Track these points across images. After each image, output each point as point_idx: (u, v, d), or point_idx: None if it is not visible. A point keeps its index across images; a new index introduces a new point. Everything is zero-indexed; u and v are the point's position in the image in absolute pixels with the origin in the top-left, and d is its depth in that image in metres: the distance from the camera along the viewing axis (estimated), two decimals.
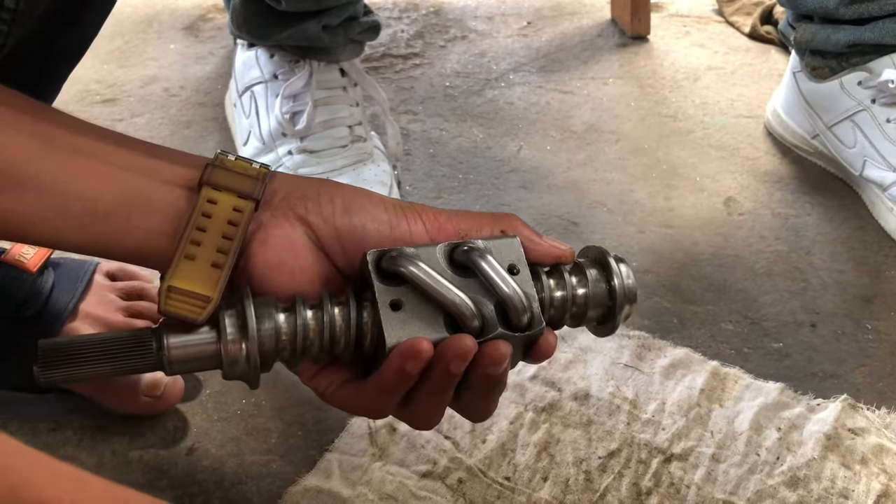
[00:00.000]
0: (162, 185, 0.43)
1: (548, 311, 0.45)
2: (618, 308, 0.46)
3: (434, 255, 0.43)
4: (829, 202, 0.88)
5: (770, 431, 0.63)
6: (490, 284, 0.42)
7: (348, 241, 0.44)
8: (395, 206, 0.45)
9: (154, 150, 0.45)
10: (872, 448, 0.62)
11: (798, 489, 0.59)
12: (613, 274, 0.46)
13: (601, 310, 0.46)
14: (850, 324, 0.74)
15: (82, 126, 0.44)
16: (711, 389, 0.67)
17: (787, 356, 0.71)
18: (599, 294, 0.46)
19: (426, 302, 0.42)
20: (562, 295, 0.45)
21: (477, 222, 0.45)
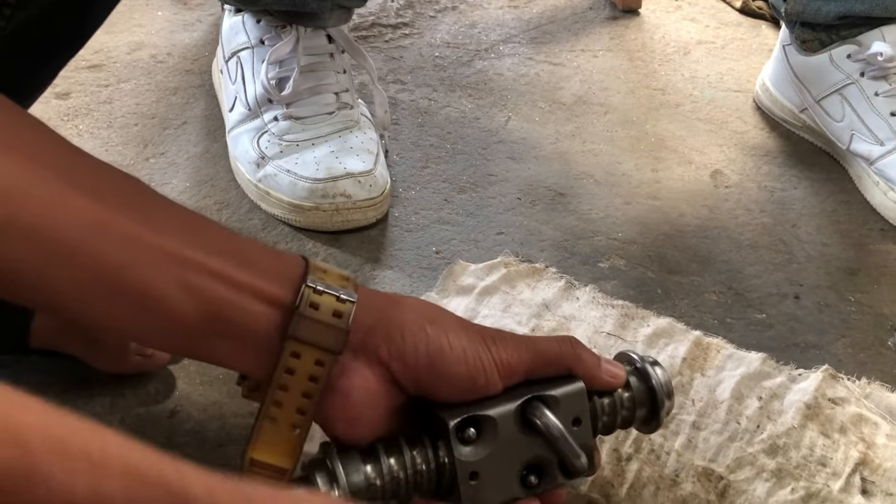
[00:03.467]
0: (250, 304, 0.42)
1: (601, 419, 0.51)
2: (659, 404, 0.52)
3: (510, 416, 0.47)
4: (816, 176, 0.89)
5: (751, 400, 0.63)
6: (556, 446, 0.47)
7: (426, 385, 0.46)
8: (475, 357, 0.46)
9: (241, 251, 0.44)
10: (851, 417, 0.62)
11: (777, 456, 0.60)
12: (651, 377, 0.52)
13: (646, 409, 0.52)
14: (834, 296, 0.75)
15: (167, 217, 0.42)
16: (693, 358, 0.67)
17: (770, 327, 0.72)
18: (641, 395, 0.52)
19: (500, 467, 0.47)
20: (610, 403, 0.51)
21: (544, 359, 0.48)
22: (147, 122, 0.90)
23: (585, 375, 0.49)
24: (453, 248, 0.78)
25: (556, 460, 0.48)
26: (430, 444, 0.46)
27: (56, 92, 0.92)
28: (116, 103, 0.92)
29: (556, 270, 0.75)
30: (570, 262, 0.77)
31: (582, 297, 0.73)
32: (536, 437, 0.47)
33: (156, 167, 0.84)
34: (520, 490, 0.48)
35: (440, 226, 0.80)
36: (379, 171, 0.78)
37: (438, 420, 0.46)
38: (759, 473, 0.58)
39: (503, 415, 0.47)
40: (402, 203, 0.82)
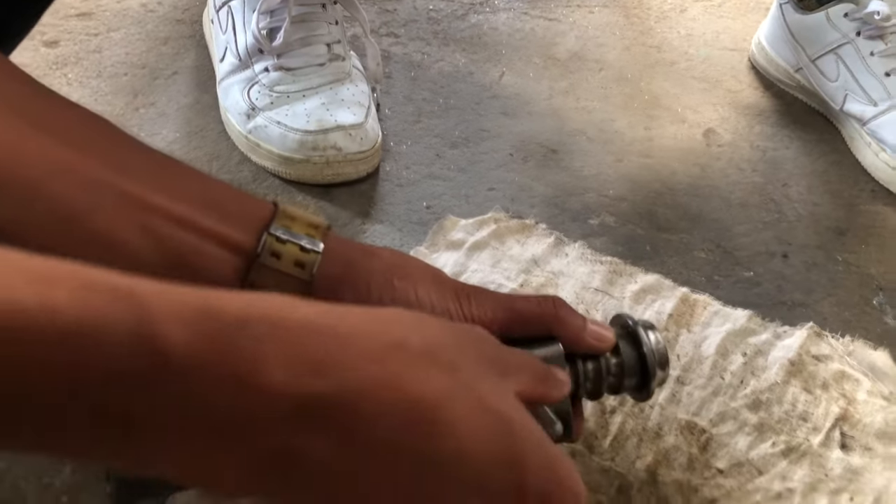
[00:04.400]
0: (213, 250, 0.42)
1: (584, 387, 0.48)
2: (651, 374, 0.49)
3: None
4: (809, 136, 0.88)
5: (736, 356, 0.64)
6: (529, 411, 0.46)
7: None
8: (443, 312, 0.44)
9: (209, 196, 0.43)
10: (834, 374, 0.63)
11: (760, 411, 0.60)
12: (642, 343, 0.49)
13: (636, 378, 0.49)
14: (822, 255, 0.75)
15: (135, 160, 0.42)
16: (680, 315, 0.67)
17: (758, 285, 0.72)
18: (631, 362, 0.49)
19: None
20: (595, 368, 0.48)
21: (521, 319, 0.46)
22: (137, 72, 0.89)
23: (567, 338, 0.47)
24: (444, 203, 0.78)
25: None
26: None
27: (45, 40, 0.91)
28: (106, 52, 0.91)
29: (546, 227, 0.75)
30: (560, 219, 0.77)
31: (571, 254, 0.73)
32: None
33: (145, 118, 0.84)
34: None
35: (431, 181, 0.80)
36: (370, 125, 0.77)
37: None
38: (742, 427, 0.59)
39: None
40: (394, 157, 0.82)
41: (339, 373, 0.31)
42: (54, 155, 0.38)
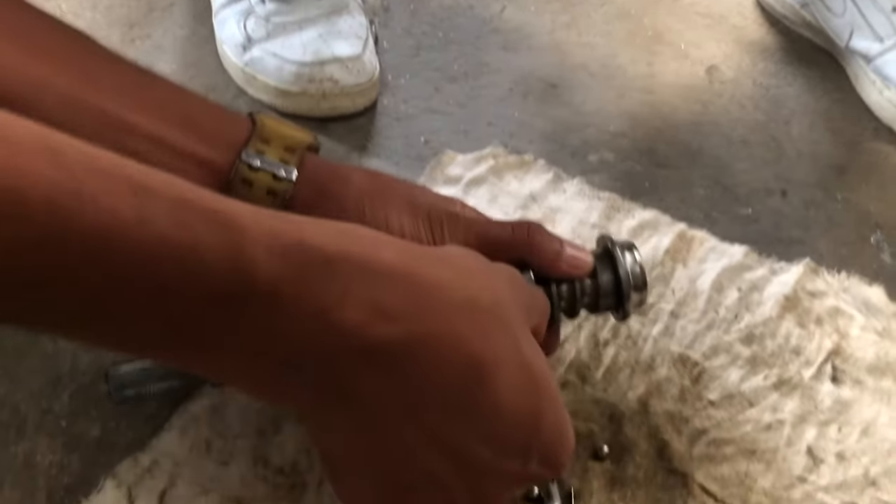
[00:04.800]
0: (189, 170, 0.42)
1: (559, 306, 0.49)
2: (625, 296, 0.49)
3: None
4: (813, 73, 0.87)
5: (731, 291, 0.64)
6: None
7: None
8: (413, 240, 0.44)
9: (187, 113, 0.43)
10: (828, 310, 0.63)
11: (753, 345, 0.61)
12: (619, 264, 0.49)
13: (611, 299, 0.50)
14: (821, 193, 0.75)
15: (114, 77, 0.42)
16: (676, 250, 0.67)
17: (755, 222, 0.72)
18: (606, 284, 0.49)
19: None
20: (569, 290, 0.49)
21: (493, 246, 0.46)
22: (133, 4, 0.88)
23: (541, 264, 0.47)
24: (442, 138, 0.77)
25: None
26: None
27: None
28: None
29: (545, 162, 0.75)
30: (559, 155, 0.76)
31: (569, 189, 0.73)
32: None
33: (141, 50, 0.83)
34: None
35: (430, 115, 0.79)
36: (367, 57, 0.76)
37: None
38: (734, 360, 0.60)
39: None
40: (392, 92, 0.81)
41: (409, 323, 0.33)
42: (32, 71, 0.38)
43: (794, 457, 0.54)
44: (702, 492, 0.52)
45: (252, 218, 0.31)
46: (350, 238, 0.33)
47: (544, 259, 0.48)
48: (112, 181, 0.28)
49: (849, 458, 0.54)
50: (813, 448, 0.55)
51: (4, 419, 0.54)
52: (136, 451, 0.52)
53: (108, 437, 0.53)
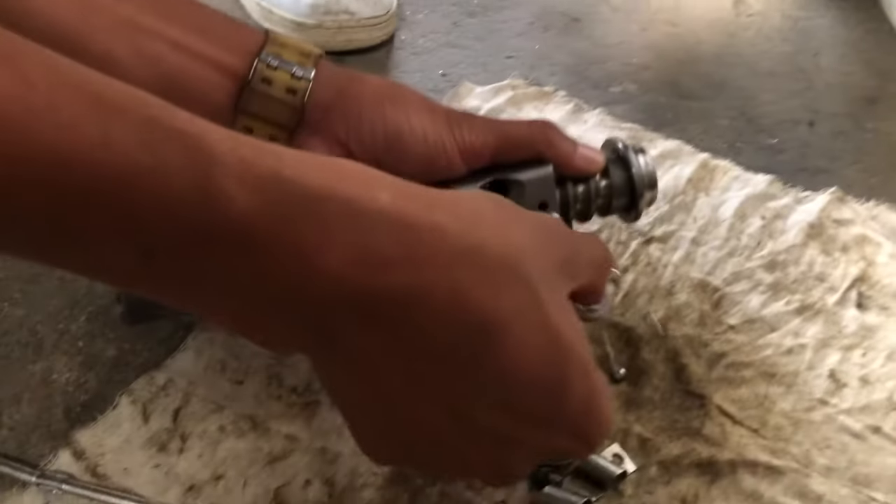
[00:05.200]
0: (206, 73, 0.41)
1: (573, 208, 0.50)
2: (638, 195, 0.50)
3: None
4: (845, 4, 0.84)
5: (754, 219, 0.63)
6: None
7: (386, 167, 0.40)
8: (436, 138, 0.44)
9: (201, 20, 0.42)
10: (855, 237, 0.62)
11: (775, 272, 0.59)
12: (631, 164, 0.50)
13: (625, 199, 0.51)
14: (850, 123, 0.73)
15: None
16: (699, 179, 0.66)
17: (781, 152, 0.70)
18: (620, 184, 0.50)
19: None
20: (584, 191, 0.50)
21: (512, 143, 0.47)
22: None
23: (557, 160, 0.48)
24: (460, 71, 0.76)
25: None
26: None
27: None
28: None
29: (566, 94, 0.73)
30: (580, 87, 0.75)
31: (590, 120, 0.71)
32: None
33: None
34: None
35: (448, 49, 0.78)
36: None
37: None
38: (756, 286, 0.58)
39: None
40: (409, 26, 0.80)
41: (404, 273, 0.29)
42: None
43: (815, 380, 0.53)
44: (719, 413, 0.51)
45: (226, 144, 0.28)
46: (336, 173, 0.30)
47: (560, 154, 0.48)
48: (77, 95, 0.26)
49: (873, 382, 0.53)
50: (835, 372, 0.54)
51: (23, 339, 0.54)
52: (151, 370, 0.52)
53: (123, 358, 0.54)
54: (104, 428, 0.50)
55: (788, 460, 0.49)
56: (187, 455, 0.49)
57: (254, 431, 0.50)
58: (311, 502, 0.47)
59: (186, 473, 0.48)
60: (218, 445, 0.49)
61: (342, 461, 0.49)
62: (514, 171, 0.47)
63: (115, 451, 0.49)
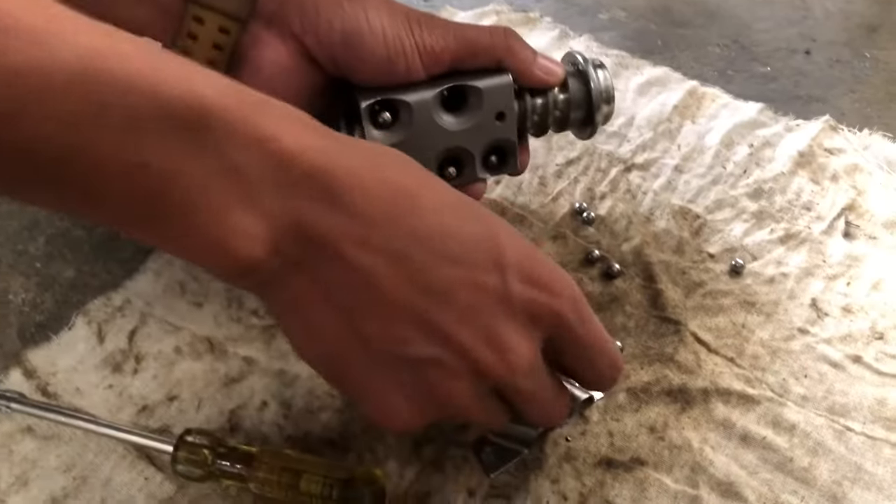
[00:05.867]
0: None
1: (530, 119, 0.48)
2: (595, 107, 0.49)
3: (428, 103, 0.45)
4: None
5: (741, 147, 0.60)
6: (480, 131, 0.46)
7: (343, 66, 0.43)
8: (395, 38, 0.43)
9: None
10: (846, 167, 0.59)
11: (760, 200, 0.57)
12: (590, 78, 0.48)
13: (582, 112, 0.49)
14: (848, 52, 0.69)
15: None
16: (686, 107, 0.63)
17: (774, 80, 0.67)
18: (578, 97, 0.49)
19: (415, 155, 0.42)
20: (543, 103, 0.48)
21: (472, 48, 0.45)
22: None
23: (517, 69, 0.46)
24: None
25: (479, 154, 0.47)
26: (344, 126, 0.45)
27: None
28: None
29: (552, 20, 0.71)
30: (567, 13, 0.72)
31: (576, 47, 0.68)
32: (462, 118, 0.46)
33: None
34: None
35: None
36: None
37: (352, 100, 0.44)
38: (739, 215, 0.56)
39: (421, 101, 0.45)
40: None
41: (336, 154, 0.32)
42: None
43: (796, 309, 0.51)
44: (694, 341, 0.49)
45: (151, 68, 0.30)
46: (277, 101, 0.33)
47: (520, 64, 0.46)
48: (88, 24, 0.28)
49: (855, 311, 0.51)
50: (818, 301, 0.51)
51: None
52: (108, 291, 0.51)
53: (81, 279, 0.52)
54: (58, 348, 0.48)
55: (764, 389, 0.48)
56: (142, 376, 0.47)
57: (211, 353, 0.48)
58: (266, 424, 0.46)
59: (140, 394, 0.47)
60: (173, 367, 0.48)
61: (300, 383, 0.47)
62: (473, 77, 0.46)
63: (68, 371, 0.47)
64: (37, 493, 0.43)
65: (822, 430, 0.46)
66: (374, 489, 0.41)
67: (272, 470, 0.41)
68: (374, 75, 0.43)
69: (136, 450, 0.44)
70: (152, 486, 0.43)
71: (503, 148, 0.48)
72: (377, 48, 0.42)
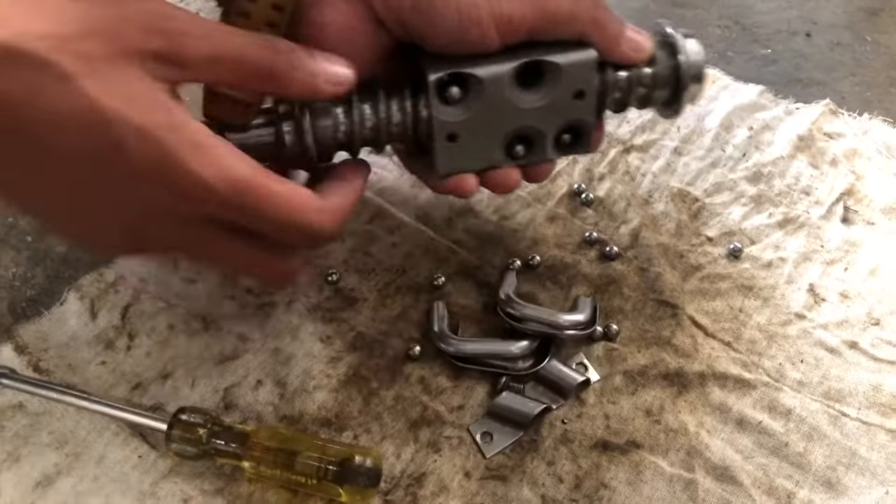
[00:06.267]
0: None
1: (611, 95, 0.44)
2: (682, 86, 0.44)
3: (501, 79, 0.41)
4: None
5: (741, 130, 0.60)
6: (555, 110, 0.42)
7: (412, 31, 0.40)
8: (469, 5, 0.39)
9: None
10: (846, 151, 0.59)
11: (759, 184, 0.57)
12: (679, 50, 0.44)
13: (667, 91, 0.44)
14: (849, 35, 0.69)
15: None
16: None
17: (774, 62, 0.67)
18: (664, 74, 0.44)
19: (483, 132, 0.42)
20: (626, 78, 0.44)
21: (553, 18, 0.40)
22: None
23: (601, 44, 0.42)
24: None
25: (552, 134, 0.43)
26: (410, 95, 0.41)
27: None
28: None
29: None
30: None
31: None
32: (531, 106, 0.42)
33: None
34: (503, 158, 0.43)
35: None
36: None
37: (420, 69, 0.41)
38: (738, 198, 0.56)
39: (494, 76, 0.41)
40: None
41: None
42: None
43: (793, 294, 0.51)
44: (692, 324, 0.49)
45: None
46: None
47: (606, 37, 0.42)
48: None
49: (853, 297, 0.51)
50: (815, 286, 0.51)
51: None
52: (101, 266, 0.50)
53: (73, 254, 0.51)
54: (50, 323, 0.48)
55: (760, 374, 0.48)
56: (135, 353, 0.47)
57: (205, 331, 0.48)
58: (261, 402, 0.45)
59: (133, 371, 0.46)
60: (167, 344, 0.47)
61: (295, 362, 0.47)
62: (551, 51, 0.41)
63: (60, 347, 0.47)
64: (28, 470, 0.43)
65: (818, 416, 0.46)
66: (369, 470, 0.41)
67: (267, 449, 0.41)
68: (445, 43, 0.40)
69: (129, 427, 0.44)
70: (146, 464, 0.43)
71: (579, 128, 0.44)
72: (449, 14, 0.39)
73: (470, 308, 0.50)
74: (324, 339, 0.48)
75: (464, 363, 0.47)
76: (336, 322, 0.48)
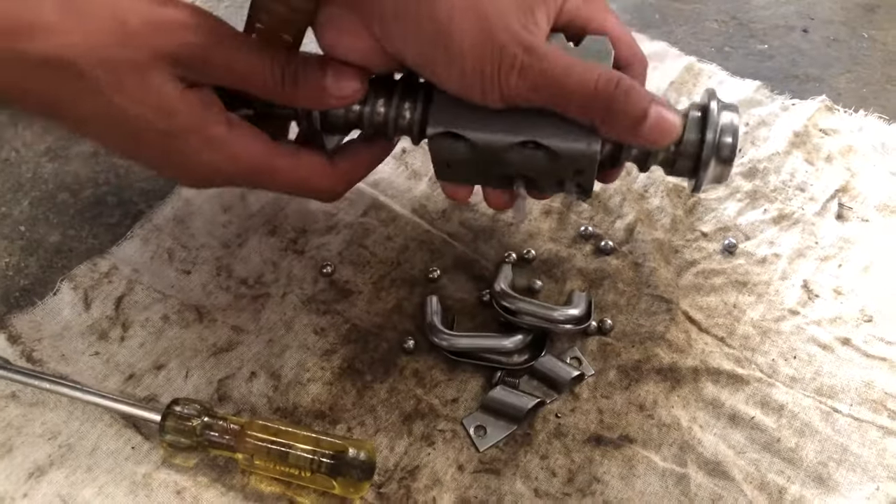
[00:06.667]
0: None
1: (627, 152, 0.42)
2: (703, 164, 0.40)
3: (495, 145, 0.41)
4: None
5: None
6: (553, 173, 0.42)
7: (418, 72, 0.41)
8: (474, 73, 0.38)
9: None
10: (841, 148, 0.59)
11: (755, 180, 0.57)
12: (709, 125, 0.39)
13: (689, 162, 0.41)
14: (846, 31, 0.69)
15: None
16: (682, 83, 0.63)
17: (771, 58, 0.67)
18: (689, 150, 0.40)
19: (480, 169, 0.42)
20: (642, 150, 0.41)
21: (565, 101, 0.38)
22: None
23: (614, 133, 0.39)
24: None
25: (549, 187, 0.42)
26: (423, 98, 0.42)
27: None
28: None
29: None
30: None
31: None
32: (527, 167, 0.41)
33: None
34: (498, 185, 0.44)
35: None
36: None
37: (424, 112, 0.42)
38: (733, 194, 0.56)
39: (490, 143, 0.40)
40: None
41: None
42: None
43: (787, 290, 0.51)
44: (686, 320, 0.49)
45: None
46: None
47: (620, 127, 0.38)
48: None
49: (846, 293, 0.51)
50: (809, 282, 0.52)
51: None
52: (94, 257, 0.50)
53: (67, 244, 0.51)
54: (43, 313, 0.48)
55: (753, 370, 0.48)
56: (128, 343, 0.47)
57: (199, 322, 0.48)
58: (255, 394, 0.45)
59: (127, 362, 0.46)
60: (161, 335, 0.47)
61: (289, 355, 0.47)
62: (553, 133, 0.39)
63: (54, 338, 0.47)
64: (21, 461, 0.42)
65: (810, 412, 0.46)
66: (363, 462, 0.41)
67: (261, 441, 0.41)
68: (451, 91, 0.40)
69: (122, 418, 0.44)
70: (139, 455, 0.43)
71: (579, 184, 0.42)
72: (453, 74, 0.38)
73: (465, 301, 0.50)
74: (318, 332, 0.48)
75: (458, 357, 0.47)
76: (330, 314, 0.48)
